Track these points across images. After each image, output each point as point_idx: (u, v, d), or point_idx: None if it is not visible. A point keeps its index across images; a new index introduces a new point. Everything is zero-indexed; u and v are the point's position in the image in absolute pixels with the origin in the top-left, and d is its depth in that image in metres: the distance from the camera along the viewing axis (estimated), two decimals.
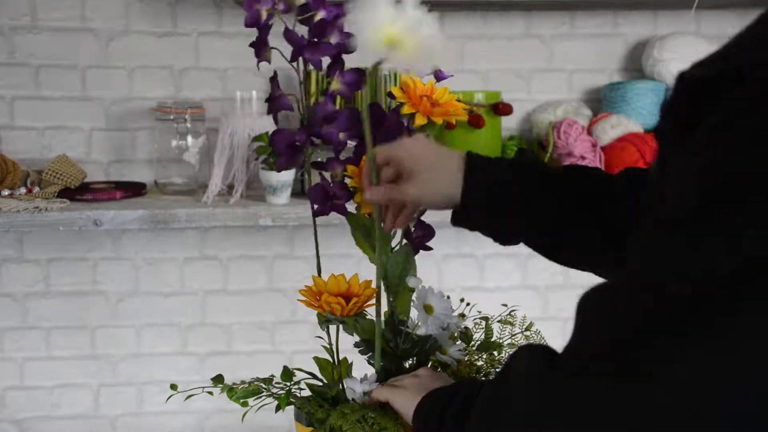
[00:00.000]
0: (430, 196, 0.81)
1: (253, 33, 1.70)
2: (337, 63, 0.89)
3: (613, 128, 1.61)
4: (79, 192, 1.54)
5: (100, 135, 1.73)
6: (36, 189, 1.54)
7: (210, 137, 1.64)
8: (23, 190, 1.52)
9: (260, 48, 0.91)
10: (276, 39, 0.93)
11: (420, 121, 0.88)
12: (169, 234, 1.77)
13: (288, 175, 1.49)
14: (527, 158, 0.85)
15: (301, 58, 0.89)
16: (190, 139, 1.60)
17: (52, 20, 1.68)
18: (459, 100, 0.93)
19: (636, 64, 1.78)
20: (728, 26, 1.76)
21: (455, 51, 1.74)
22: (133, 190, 1.59)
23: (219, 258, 1.79)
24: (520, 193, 0.80)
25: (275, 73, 0.96)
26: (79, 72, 1.70)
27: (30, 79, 1.69)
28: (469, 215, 0.83)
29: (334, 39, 0.88)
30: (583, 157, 1.55)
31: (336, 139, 0.88)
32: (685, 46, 1.66)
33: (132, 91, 1.71)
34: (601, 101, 1.76)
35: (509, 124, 1.76)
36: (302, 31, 0.91)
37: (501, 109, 1.56)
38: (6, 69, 1.68)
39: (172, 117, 1.59)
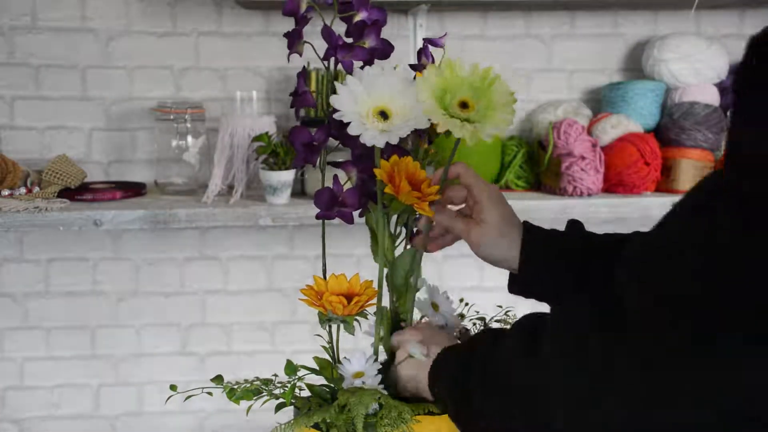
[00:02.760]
0: (491, 254, 0.83)
1: (252, 32, 1.71)
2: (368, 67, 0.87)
3: (613, 128, 1.61)
4: (79, 192, 1.54)
5: (100, 135, 1.73)
6: (36, 189, 1.54)
7: (210, 137, 1.64)
8: (23, 190, 1.52)
9: (294, 39, 0.88)
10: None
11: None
12: (169, 234, 1.77)
13: (288, 176, 1.49)
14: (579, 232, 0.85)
15: (332, 58, 0.87)
16: (190, 139, 1.60)
17: (52, 20, 1.68)
18: None
19: (636, 64, 1.78)
20: (728, 26, 1.76)
21: (455, 51, 1.74)
22: (133, 190, 1.59)
23: (219, 258, 1.79)
24: (578, 270, 0.81)
25: (304, 68, 0.96)
26: (79, 72, 1.70)
27: (30, 79, 1.69)
28: (524, 286, 0.84)
29: (369, 43, 0.87)
30: (583, 157, 1.55)
31: (356, 143, 0.84)
32: (685, 46, 1.66)
33: (132, 91, 1.71)
34: (601, 101, 1.76)
35: None
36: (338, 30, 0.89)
37: None
38: (6, 69, 1.68)
39: (172, 117, 1.59)
